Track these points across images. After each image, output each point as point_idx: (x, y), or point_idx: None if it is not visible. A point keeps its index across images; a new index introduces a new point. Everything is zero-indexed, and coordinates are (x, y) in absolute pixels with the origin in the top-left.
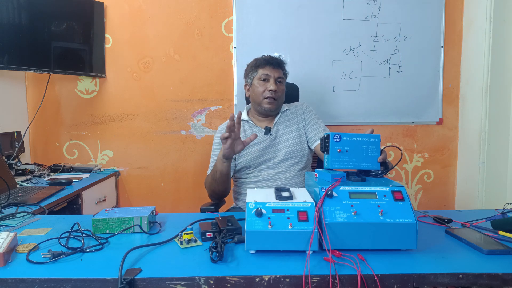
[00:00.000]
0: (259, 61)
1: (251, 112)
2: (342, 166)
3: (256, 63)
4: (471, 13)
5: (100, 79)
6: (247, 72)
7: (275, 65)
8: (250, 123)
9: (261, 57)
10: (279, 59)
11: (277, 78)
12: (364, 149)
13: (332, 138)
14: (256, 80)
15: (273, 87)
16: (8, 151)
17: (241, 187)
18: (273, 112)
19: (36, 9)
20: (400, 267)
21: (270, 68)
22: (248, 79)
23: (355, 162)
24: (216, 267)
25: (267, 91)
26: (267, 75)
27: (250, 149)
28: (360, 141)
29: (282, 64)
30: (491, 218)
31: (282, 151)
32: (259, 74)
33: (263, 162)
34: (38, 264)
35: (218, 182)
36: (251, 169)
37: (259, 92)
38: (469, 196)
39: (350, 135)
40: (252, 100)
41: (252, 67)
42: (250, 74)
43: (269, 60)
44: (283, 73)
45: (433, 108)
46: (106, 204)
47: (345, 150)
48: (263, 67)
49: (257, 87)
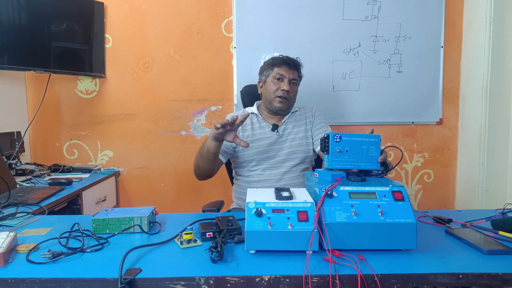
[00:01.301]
0: (276, 60)
1: (260, 108)
2: (342, 166)
3: (273, 62)
4: (471, 13)
5: (100, 79)
6: (263, 69)
7: (291, 66)
8: (259, 117)
9: (279, 56)
10: (296, 61)
11: (291, 79)
12: (364, 149)
13: (332, 138)
14: (270, 78)
15: (287, 87)
16: (8, 151)
17: (243, 186)
18: (283, 111)
19: (36, 9)
20: (400, 267)
21: (286, 68)
22: (263, 76)
23: (355, 162)
24: (216, 267)
25: (280, 90)
26: (282, 75)
27: (255, 143)
28: (360, 141)
29: (298, 66)
30: (491, 218)
31: (287, 150)
32: (274, 73)
33: (266, 159)
34: (38, 264)
35: (203, 158)
36: (254, 166)
37: (272, 90)
38: (469, 196)
39: (350, 135)
40: (263, 97)
41: (268, 65)
42: (265, 72)
43: (286, 60)
44: (298, 75)
45: (433, 108)
46: (106, 204)
47: (345, 150)
48: (279, 66)
49: (271, 85)
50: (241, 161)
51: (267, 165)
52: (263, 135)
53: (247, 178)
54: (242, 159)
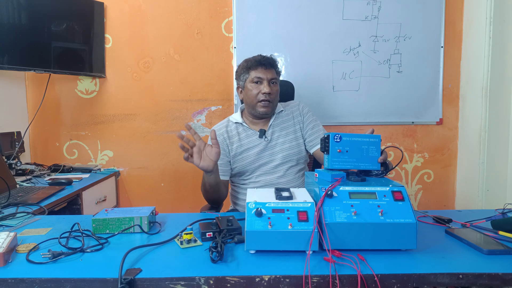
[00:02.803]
0: (250, 62)
1: (245, 114)
2: (342, 166)
3: (247, 65)
4: (471, 13)
5: (100, 79)
6: (238, 74)
7: (267, 66)
8: (244, 125)
9: (251, 58)
10: (271, 58)
11: (270, 80)
12: (365, 149)
13: (333, 138)
14: (248, 82)
15: (267, 90)
16: (8, 151)
17: (240, 192)
18: (269, 114)
19: (36, 9)
20: (400, 267)
21: (262, 70)
22: (240, 81)
23: (355, 162)
24: (216, 267)
25: (261, 94)
26: (259, 77)
27: (244, 153)
28: (360, 141)
29: (274, 63)
30: (491, 218)
31: (279, 154)
32: (251, 77)
33: (259, 167)
34: (38, 264)
35: (209, 192)
36: (248, 175)
37: (253, 95)
38: (469, 196)
39: (351, 135)
40: (246, 103)
41: (243, 68)
42: (241, 77)
43: (261, 61)
44: (276, 72)
45: (433, 108)
46: (106, 204)
47: (345, 150)
48: (254, 68)
49: (250, 90)
50: (234, 174)
51: (261, 172)
52: (251, 144)
53: (243, 186)
54: (236, 171)
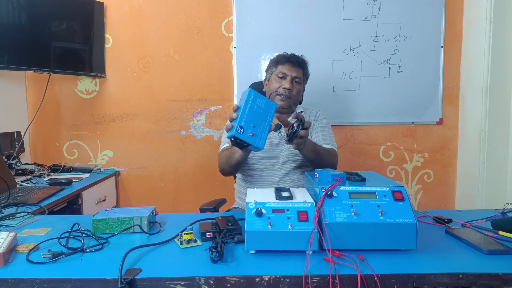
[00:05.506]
0: (280, 57)
1: None
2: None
3: (277, 59)
4: (471, 13)
5: (100, 79)
6: (268, 66)
7: (294, 64)
8: None
9: (283, 53)
10: (301, 58)
11: (294, 77)
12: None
13: (236, 131)
14: (273, 76)
15: (288, 85)
16: (8, 151)
17: (243, 186)
18: (285, 109)
19: (36, 9)
20: (400, 267)
21: (288, 66)
22: (268, 73)
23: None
24: (216, 267)
25: (282, 88)
26: (284, 73)
27: None
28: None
29: (302, 64)
30: (491, 218)
31: (287, 151)
32: (277, 71)
33: (266, 158)
34: (38, 264)
35: (231, 166)
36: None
37: (274, 88)
38: (469, 196)
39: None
40: (267, 95)
41: (272, 62)
42: (269, 69)
43: (290, 58)
44: (303, 73)
45: (433, 108)
46: (106, 204)
47: (252, 126)
48: (282, 64)
49: (273, 83)
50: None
51: (266, 166)
52: None
53: (247, 178)
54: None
